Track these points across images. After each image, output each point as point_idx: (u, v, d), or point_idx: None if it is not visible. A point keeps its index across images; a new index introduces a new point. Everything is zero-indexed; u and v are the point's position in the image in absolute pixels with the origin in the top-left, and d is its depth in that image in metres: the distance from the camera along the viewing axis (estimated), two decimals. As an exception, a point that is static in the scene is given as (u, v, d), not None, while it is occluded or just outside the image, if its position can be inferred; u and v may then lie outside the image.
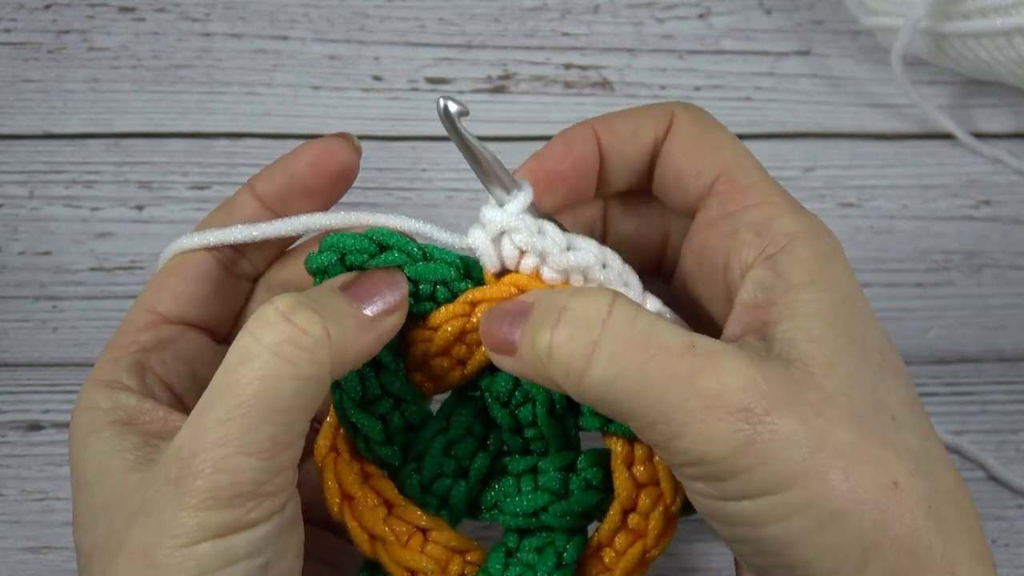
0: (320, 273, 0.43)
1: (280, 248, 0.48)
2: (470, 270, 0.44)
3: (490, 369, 0.45)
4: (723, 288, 0.43)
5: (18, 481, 0.58)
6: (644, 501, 0.44)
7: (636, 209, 0.47)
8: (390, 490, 0.45)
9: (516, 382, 0.45)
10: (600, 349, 0.38)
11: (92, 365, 0.45)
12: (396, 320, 0.42)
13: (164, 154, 0.64)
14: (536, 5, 0.69)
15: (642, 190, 0.47)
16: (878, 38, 0.66)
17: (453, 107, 0.41)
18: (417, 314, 0.44)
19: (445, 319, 0.44)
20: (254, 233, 0.45)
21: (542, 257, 0.43)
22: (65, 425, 0.59)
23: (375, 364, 0.44)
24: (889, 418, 0.39)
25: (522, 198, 0.43)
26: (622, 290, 0.44)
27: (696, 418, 0.37)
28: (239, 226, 0.45)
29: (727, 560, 0.57)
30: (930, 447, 0.40)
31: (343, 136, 0.47)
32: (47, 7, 0.67)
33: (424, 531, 0.44)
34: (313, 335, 0.38)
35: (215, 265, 0.46)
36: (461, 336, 0.44)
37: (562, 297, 0.39)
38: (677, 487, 0.44)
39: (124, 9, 0.67)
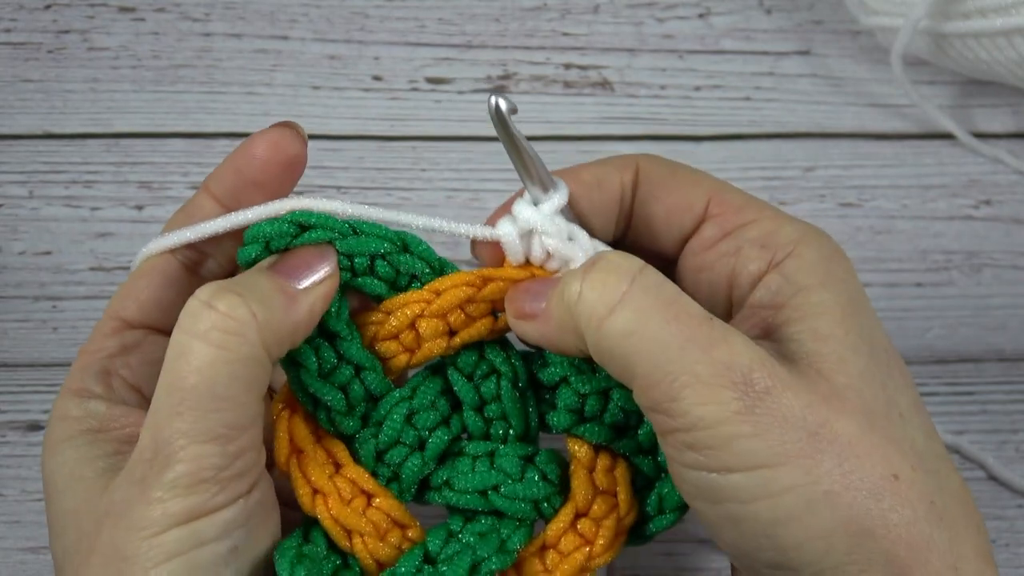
0: (252, 265, 0.43)
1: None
2: (408, 245, 0.44)
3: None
4: (725, 307, 0.44)
5: (18, 481, 0.58)
6: (599, 507, 0.44)
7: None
8: (341, 452, 0.44)
9: (481, 354, 0.45)
10: (628, 298, 0.39)
11: (92, 365, 0.45)
12: (326, 289, 0.42)
13: (164, 154, 0.64)
14: (536, 5, 0.69)
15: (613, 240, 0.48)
16: (878, 38, 0.66)
17: (504, 104, 0.42)
18: (358, 289, 0.44)
19: (454, 284, 0.44)
20: (220, 226, 0.44)
21: (567, 263, 0.44)
22: (65, 425, 0.59)
23: (328, 335, 0.44)
24: (897, 415, 0.39)
25: (557, 200, 0.44)
26: None
27: (701, 381, 0.38)
28: (199, 223, 0.45)
29: (727, 560, 0.57)
30: (935, 447, 0.40)
31: (288, 125, 0.46)
32: (47, 7, 0.67)
33: (369, 496, 0.44)
34: (237, 318, 0.39)
35: (178, 268, 0.46)
36: (464, 304, 0.44)
37: (595, 256, 0.41)
38: (632, 503, 0.45)
39: (124, 9, 0.67)
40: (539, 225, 0.43)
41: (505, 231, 0.44)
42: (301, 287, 0.42)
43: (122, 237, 0.63)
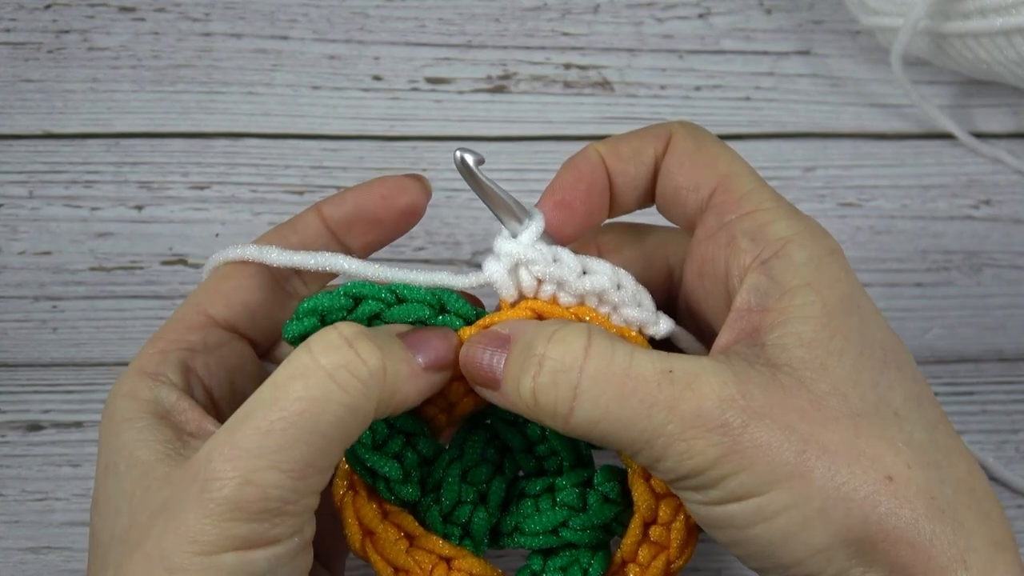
0: (301, 340, 0.42)
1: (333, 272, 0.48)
2: (444, 304, 0.44)
3: None
4: (725, 299, 0.44)
5: (18, 481, 0.58)
6: (664, 512, 0.44)
7: (627, 245, 0.48)
8: (411, 523, 0.45)
9: None
10: (581, 392, 0.39)
11: (92, 365, 0.45)
12: (443, 378, 0.43)
13: (164, 154, 0.64)
14: (536, 5, 0.69)
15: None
16: (878, 38, 0.66)
17: (470, 158, 0.43)
18: None
19: (461, 341, 0.44)
20: (279, 258, 0.45)
21: (559, 285, 0.44)
22: (65, 425, 0.59)
23: None
24: (891, 413, 0.39)
25: (534, 227, 0.44)
26: (636, 310, 0.44)
27: (677, 439, 0.38)
28: (272, 249, 0.45)
29: (727, 560, 0.57)
30: (937, 438, 0.40)
31: (417, 177, 0.48)
32: (47, 7, 0.67)
33: (448, 560, 0.44)
34: (371, 367, 0.39)
35: (269, 278, 0.46)
36: None
37: (540, 339, 0.40)
38: None
39: (124, 9, 0.67)
40: (522, 256, 0.43)
41: (492, 270, 0.44)
42: (423, 363, 0.41)
43: (122, 237, 0.63)
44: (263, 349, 0.48)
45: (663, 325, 0.45)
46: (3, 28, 0.67)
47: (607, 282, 0.44)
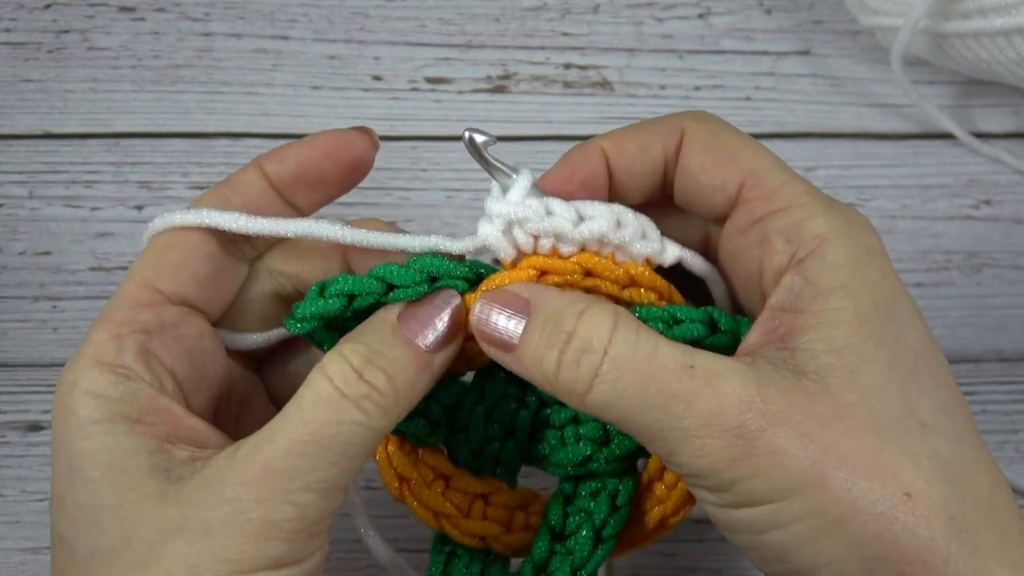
0: (307, 337, 0.43)
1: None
2: (435, 275, 0.43)
3: None
4: (758, 295, 0.43)
5: (18, 482, 0.58)
6: None
7: (669, 218, 0.46)
8: (443, 463, 0.46)
9: None
10: (603, 374, 0.39)
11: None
12: (452, 351, 0.42)
13: (164, 154, 0.64)
14: (536, 5, 0.69)
15: (659, 201, 0.46)
16: (878, 38, 0.66)
17: (479, 138, 0.42)
18: None
19: (467, 311, 0.43)
20: (250, 226, 0.43)
21: (557, 237, 0.43)
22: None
23: None
24: (916, 425, 0.38)
25: (520, 184, 0.43)
26: (640, 243, 0.43)
27: (691, 435, 0.38)
28: (239, 216, 0.43)
29: (727, 560, 0.57)
30: (963, 451, 0.39)
31: (363, 129, 0.46)
32: (47, 7, 0.67)
33: (484, 496, 0.46)
34: (384, 395, 0.39)
35: (215, 244, 0.44)
36: None
37: (570, 315, 0.40)
38: None
39: (124, 9, 0.67)
40: (513, 214, 0.42)
41: (486, 232, 0.43)
42: (428, 347, 0.41)
43: (122, 237, 0.63)
44: (214, 320, 0.45)
45: (670, 252, 0.44)
46: (3, 28, 0.67)
47: (605, 225, 0.43)
